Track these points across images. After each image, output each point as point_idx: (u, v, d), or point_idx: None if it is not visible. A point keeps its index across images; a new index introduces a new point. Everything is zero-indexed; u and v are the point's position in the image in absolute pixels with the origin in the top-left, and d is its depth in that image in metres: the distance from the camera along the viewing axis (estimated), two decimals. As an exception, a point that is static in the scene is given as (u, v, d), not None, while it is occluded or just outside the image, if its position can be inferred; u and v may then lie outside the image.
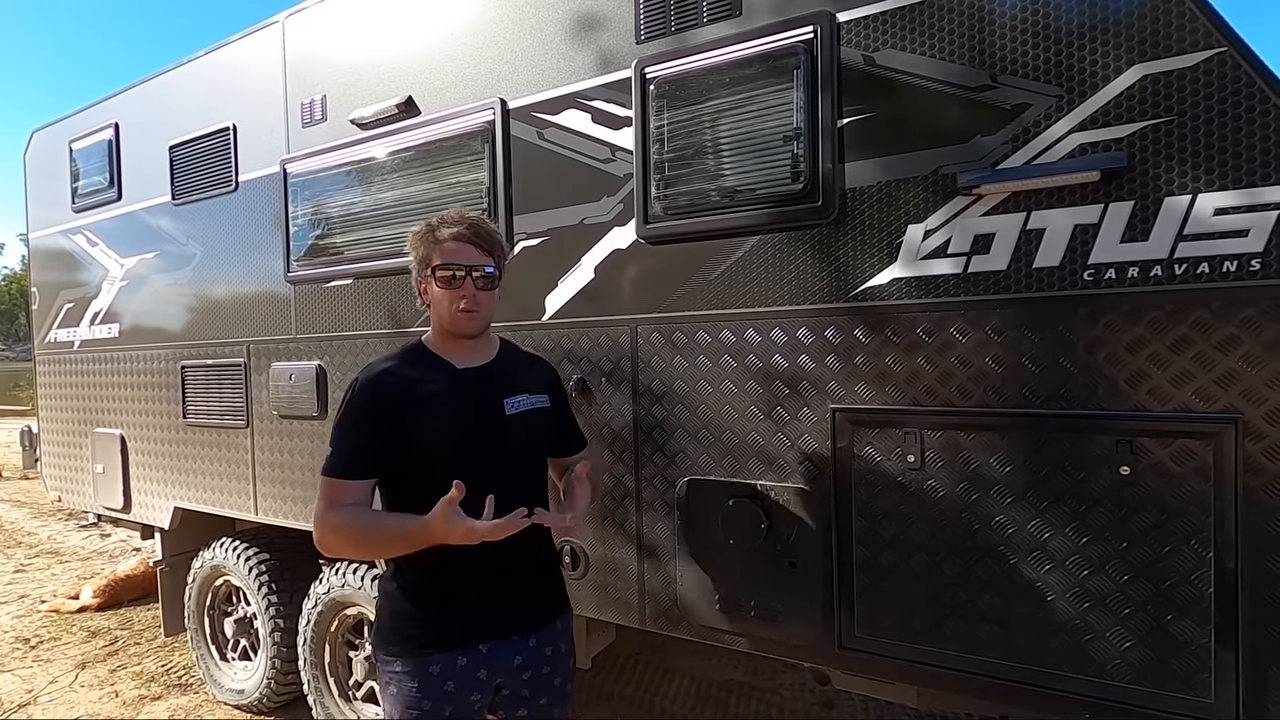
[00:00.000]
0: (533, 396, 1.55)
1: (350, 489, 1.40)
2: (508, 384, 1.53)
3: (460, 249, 1.44)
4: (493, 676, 1.46)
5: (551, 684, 1.54)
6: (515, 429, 1.50)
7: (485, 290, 1.47)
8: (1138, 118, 1.37)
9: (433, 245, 1.46)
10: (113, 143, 3.34)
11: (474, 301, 1.45)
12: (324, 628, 2.79)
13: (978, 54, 1.51)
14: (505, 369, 1.56)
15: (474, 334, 1.51)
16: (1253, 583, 1.31)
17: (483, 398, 1.49)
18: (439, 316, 1.49)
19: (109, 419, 3.47)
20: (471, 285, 1.44)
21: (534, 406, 1.55)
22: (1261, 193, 1.28)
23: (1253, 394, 1.30)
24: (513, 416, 1.50)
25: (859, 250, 1.65)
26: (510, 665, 1.48)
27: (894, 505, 1.63)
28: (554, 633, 1.56)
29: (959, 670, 1.58)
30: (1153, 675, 1.40)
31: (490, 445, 1.47)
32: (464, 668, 1.43)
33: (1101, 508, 1.43)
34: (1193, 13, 1.32)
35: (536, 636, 1.52)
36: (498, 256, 1.49)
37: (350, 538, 1.41)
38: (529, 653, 1.50)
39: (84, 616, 4.43)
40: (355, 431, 1.42)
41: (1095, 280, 1.41)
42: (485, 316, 1.50)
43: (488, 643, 1.45)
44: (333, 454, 1.42)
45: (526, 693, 1.51)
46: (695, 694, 3.23)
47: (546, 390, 1.60)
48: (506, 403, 1.50)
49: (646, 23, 1.90)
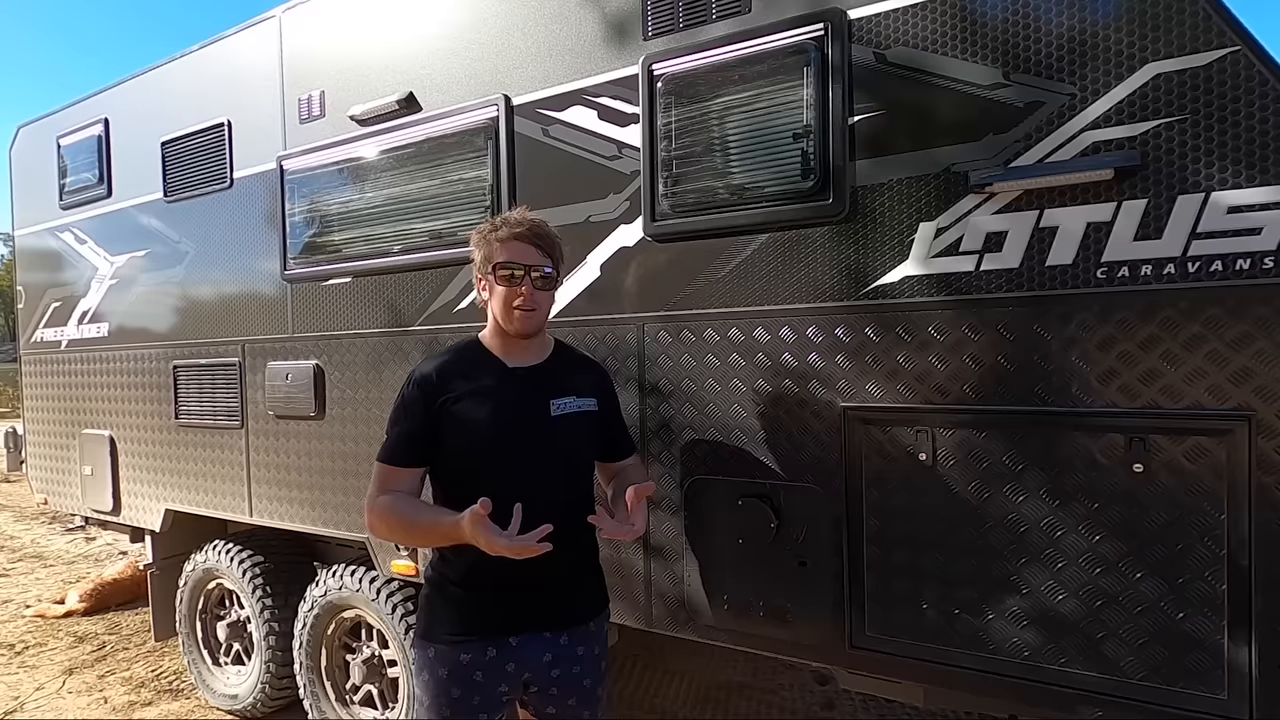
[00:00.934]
0: (580, 399, 1.56)
1: (398, 475, 1.49)
2: (556, 385, 1.54)
3: (521, 249, 1.48)
4: (521, 670, 1.48)
5: (581, 685, 1.53)
6: (560, 430, 1.51)
7: (543, 290, 1.51)
8: (1151, 116, 1.38)
9: (494, 244, 1.49)
10: (102, 138, 3.28)
11: (531, 300, 1.48)
12: (320, 631, 2.75)
13: (990, 52, 1.51)
14: (555, 370, 1.57)
15: (530, 333, 1.53)
16: (1266, 579, 1.32)
17: (529, 397, 1.50)
18: (496, 314, 1.52)
19: (98, 420, 3.40)
20: (530, 285, 1.47)
21: (580, 409, 1.55)
22: (1275, 191, 1.29)
23: (1265, 391, 1.31)
24: (558, 418, 1.51)
25: (870, 248, 1.64)
26: (539, 661, 1.48)
27: (905, 504, 1.62)
28: (587, 634, 1.55)
29: (971, 669, 1.57)
30: (1166, 672, 1.40)
31: (533, 445, 1.47)
32: (493, 659, 1.46)
33: (1114, 505, 1.43)
34: (1206, 12, 1.33)
35: (569, 635, 1.52)
36: (556, 258, 1.53)
37: (391, 523, 1.48)
38: (560, 650, 1.50)
39: (70, 621, 4.35)
40: (405, 420, 1.50)
41: (1108, 278, 1.41)
42: (542, 316, 1.53)
43: (518, 636, 1.47)
44: (385, 441, 1.52)
45: (555, 691, 1.51)
46: (695, 695, 3.22)
47: (595, 393, 1.60)
48: (553, 404, 1.51)
49: (655, 19, 1.88)
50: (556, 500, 1.47)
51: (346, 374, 2.50)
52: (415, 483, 1.51)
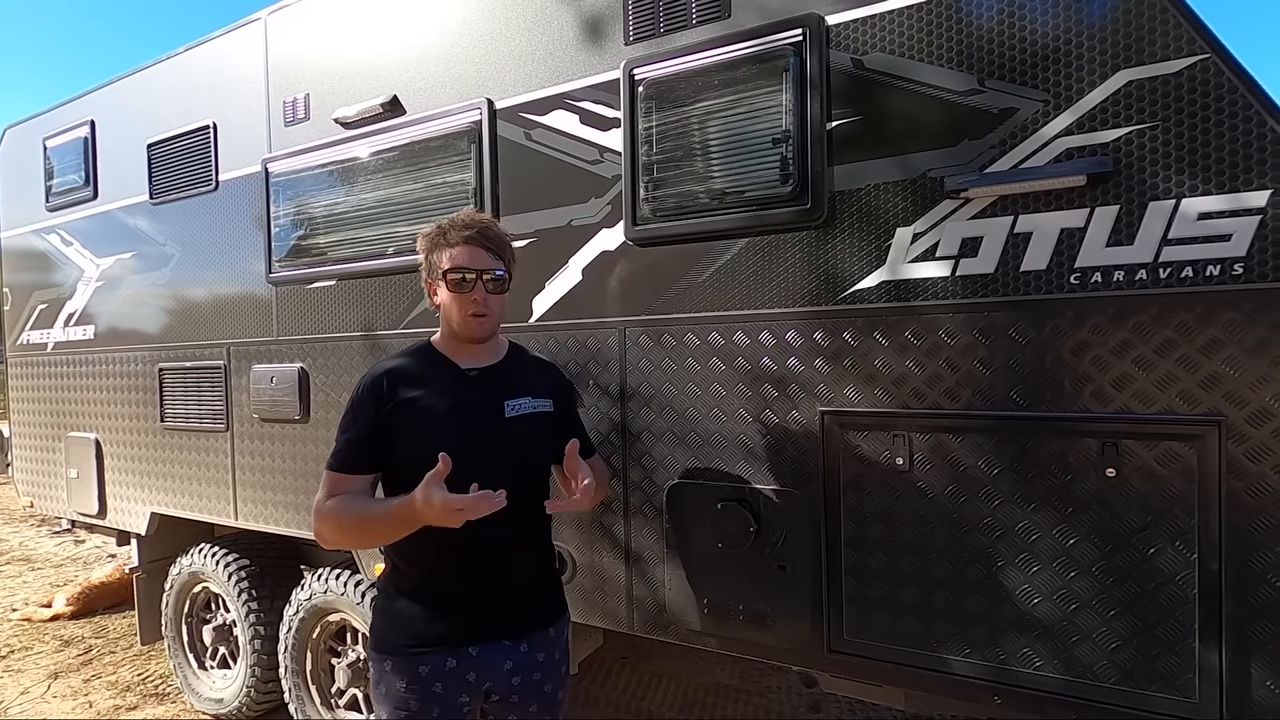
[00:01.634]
0: (535, 400, 1.54)
1: (348, 482, 1.43)
2: (510, 386, 1.52)
3: (471, 252, 1.45)
4: (481, 680, 1.46)
5: (542, 691, 1.52)
6: (514, 432, 1.49)
7: (496, 294, 1.48)
8: (1123, 123, 1.39)
9: (443, 248, 1.46)
10: (88, 140, 3.27)
11: (485, 305, 1.46)
12: (306, 635, 2.74)
13: (965, 58, 1.52)
14: (509, 371, 1.55)
15: (485, 337, 1.52)
16: (1236, 583, 1.32)
17: (482, 399, 1.49)
18: (449, 320, 1.49)
19: (84, 422, 3.39)
20: (482, 289, 1.45)
21: (535, 410, 1.53)
22: (1244, 198, 1.30)
23: (1235, 396, 1.32)
24: (512, 419, 1.49)
25: (848, 253, 1.65)
26: (500, 670, 1.47)
27: (882, 508, 1.63)
28: (547, 640, 1.54)
29: (947, 673, 1.58)
30: (1138, 675, 1.41)
31: (486, 447, 1.46)
32: (453, 669, 1.43)
33: (1088, 510, 1.44)
34: (1176, 20, 1.34)
35: (529, 642, 1.50)
36: (508, 259, 1.50)
37: (342, 524, 1.42)
38: (520, 658, 1.49)
39: (57, 625, 4.32)
40: (353, 426, 1.46)
41: (1081, 284, 1.42)
42: (496, 320, 1.51)
43: (478, 645, 1.45)
44: (335, 448, 1.47)
45: (516, 699, 1.50)
46: (682, 698, 3.22)
47: (551, 394, 1.58)
48: (507, 405, 1.49)
49: (636, 24, 1.89)
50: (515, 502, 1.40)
51: (331, 377, 2.50)
52: (366, 490, 1.46)
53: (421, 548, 1.42)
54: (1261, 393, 1.30)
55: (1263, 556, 1.31)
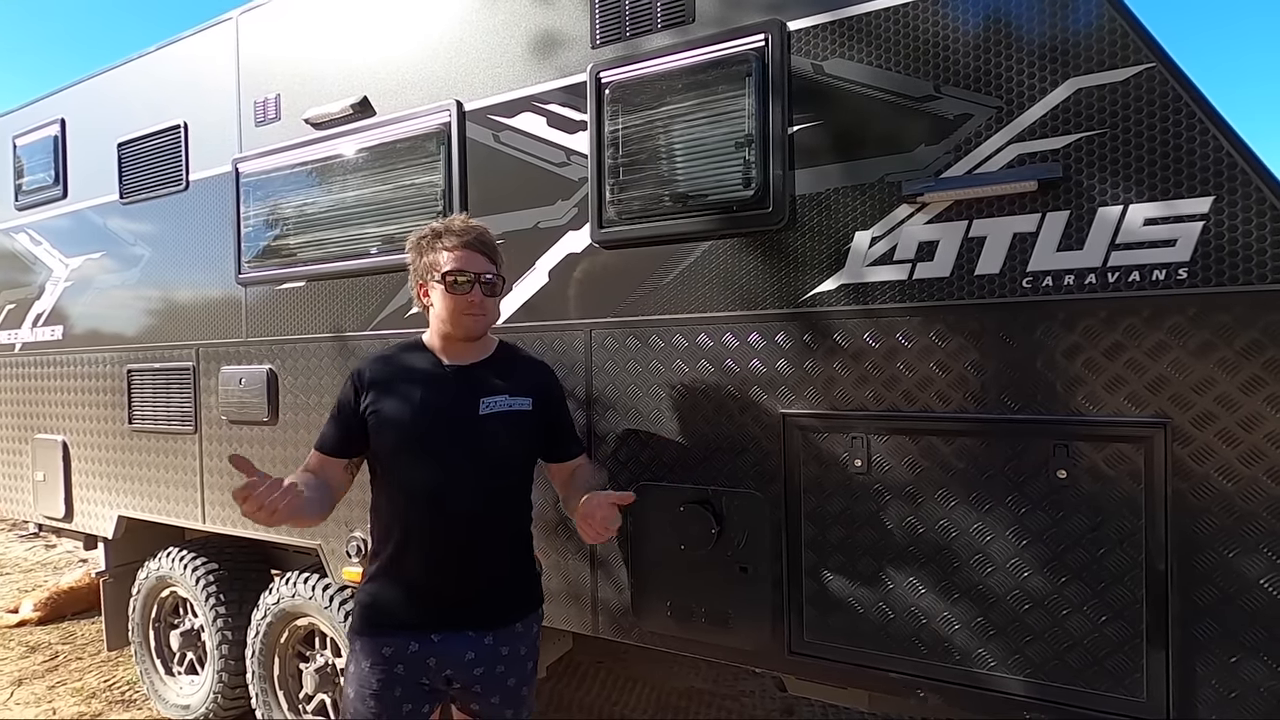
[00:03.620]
0: (512, 398, 1.56)
1: (315, 459, 1.55)
2: (488, 383, 1.55)
3: (470, 256, 1.51)
4: (442, 666, 1.49)
5: (505, 684, 1.53)
6: (486, 429, 1.51)
7: (490, 296, 1.54)
8: (1073, 130, 1.41)
9: (440, 251, 1.51)
10: (58, 139, 3.23)
11: (481, 306, 1.52)
12: (273, 639, 2.71)
13: (922, 65, 1.54)
14: (492, 369, 1.58)
15: (479, 335, 1.57)
16: (1182, 582, 1.34)
17: (456, 394, 1.52)
18: (443, 319, 1.53)
19: (51, 424, 3.34)
20: (479, 291, 1.51)
21: (511, 408, 1.55)
22: (1187, 204, 1.32)
23: (1181, 399, 1.34)
24: (486, 416, 1.51)
25: (808, 256, 1.66)
26: (461, 659, 1.49)
27: (841, 510, 1.64)
28: (513, 634, 1.55)
29: (903, 674, 1.59)
30: (1089, 675, 1.42)
31: (453, 442, 1.48)
32: (415, 653, 1.48)
33: (1040, 511, 1.45)
34: (1124, 29, 1.37)
35: (494, 635, 1.52)
36: (499, 263, 1.57)
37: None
38: (483, 650, 1.50)
39: (23, 631, 4.24)
40: (336, 412, 1.56)
41: (1033, 287, 1.44)
42: (489, 320, 1.57)
43: (440, 633, 1.49)
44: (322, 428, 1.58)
45: (478, 688, 1.52)
46: (655, 701, 3.21)
47: (532, 393, 1.59)
48: (482, 402, 1.52)
49: (602, 28, 1.90)
50: (475, 498, 1.48)
51: (300, 379, 2.48)
52: (337, 472, 1.55)
53: (390, 539, 1.51)
54: (1205, 395, 1.32)
55: (1207, 557, 1.33)
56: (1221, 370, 1.31)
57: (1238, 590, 1.31)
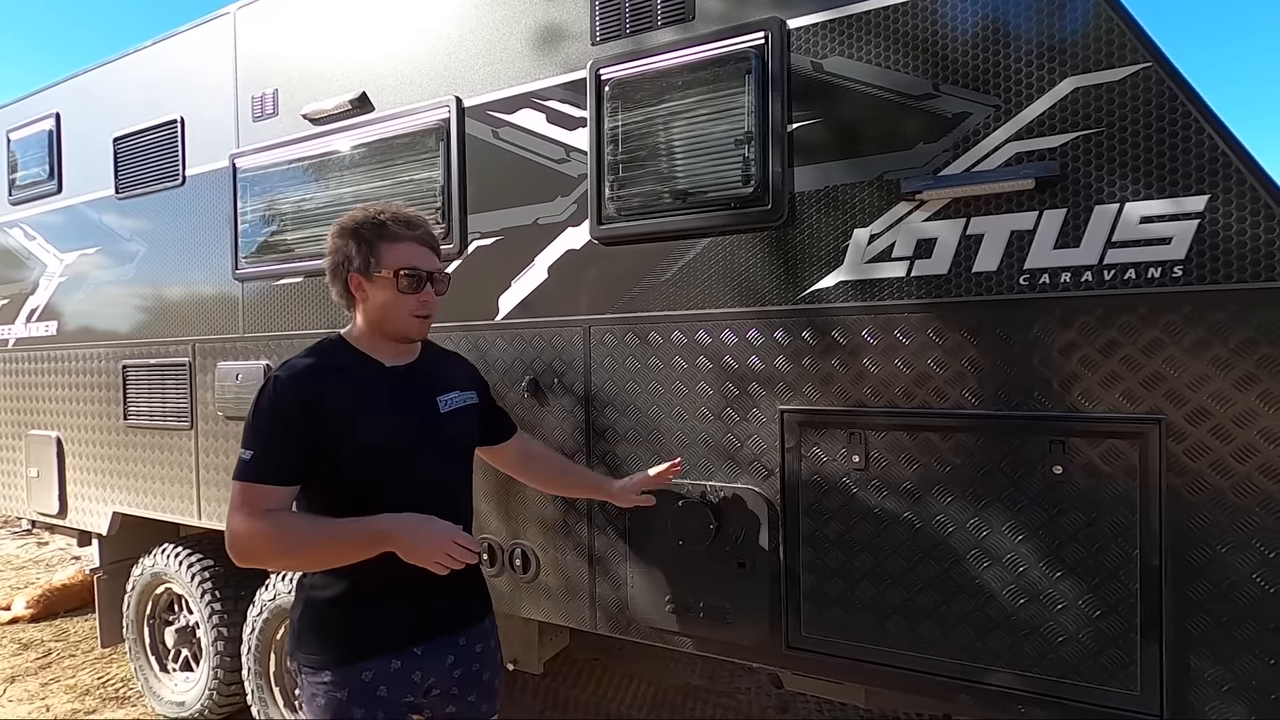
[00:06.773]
0: (463, 394, 1.56)
1: (271, 495, 1.29)
2: (438, 382, 1.52)
3: (421, 253, 1.41)
4: (426, 677, 1.44)
5: (480, 680, 1.53)
6: (449, 426, 1.50)
7: (440, 295, 1.48)
8: (1070, 128, 1.42)
9: (385, 242, 1.38)
10: (53, 133, 3.22)
11: (431, 306, 1.45)
12: (270, 635, 2.70)
13: (921, 63, 1.55)
14: (432, 367, 1.55)
15: (422, 338, 1.50)
16: (1176, 578, 1.36)
17: (416, 395, 1.47)
18: (385, 318, 1.41)
19: (45, 420, 3.32)
20: (431, 290, 1.44)
21: (465, 404, 1.56)
22: (1183, 202, 1.33)
23: (1175, 396, 1.35)
24: (447, 414, 1.50)
25: (807, 253, 1.67)
26: (443, 665, 1.46)
27: (839, 506, 1.65)
28: (483, 630, 1.56)
29: (901, 668, 1.60)
30: (1084, 669, 1.43)
31: (431, 444, 1.45)
32: (398, 671, 1.40)
33: (1036, 507, 1.46)
34: (1121, 29, 1.38)
35: (466, 635, 1.51)
36: (442, 260, 1.52)
37: (285, 545, 1.29)
38: (460, 652, 1.49)
39: (16, 628, 4.23)
40: (282, 433, 1.30)
41: (1030, 285, 1.45)
42: (433, 320, 1.50)
43: (422, 645, 1.43)
44: (254, 457, 1.29)
45: (456, 690, 1.50)
46: (652, 698, 3.22)
47: (473, 386, 1.62)
48: (440, 400, 1.50)
49: (603, 24, 1.90)
50: (459, 497, 1.49)
51: (297, 375, 2.47)
52: (288, 502, 1.32)
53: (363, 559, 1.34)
54: (1200, 392, 1.33)
55: (1201, 552, 1.34)
56: (1215, 367, 1.32)
57: (1231, 585, 1.32)
